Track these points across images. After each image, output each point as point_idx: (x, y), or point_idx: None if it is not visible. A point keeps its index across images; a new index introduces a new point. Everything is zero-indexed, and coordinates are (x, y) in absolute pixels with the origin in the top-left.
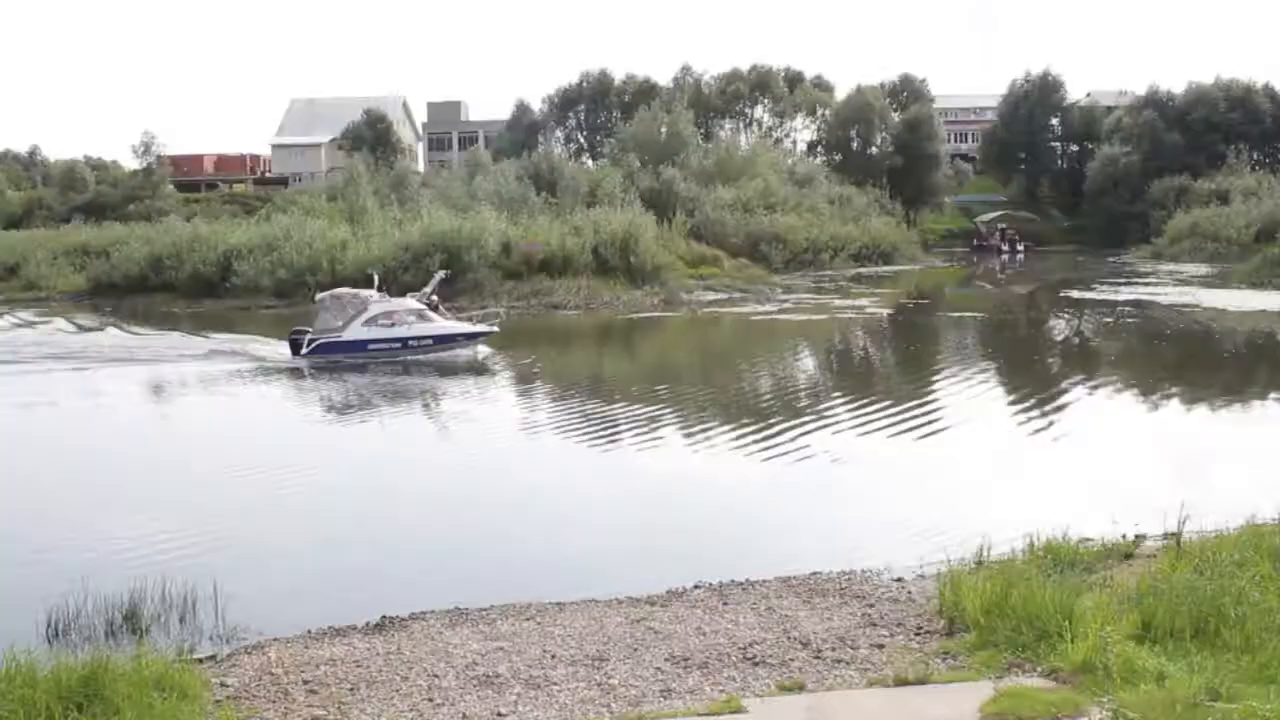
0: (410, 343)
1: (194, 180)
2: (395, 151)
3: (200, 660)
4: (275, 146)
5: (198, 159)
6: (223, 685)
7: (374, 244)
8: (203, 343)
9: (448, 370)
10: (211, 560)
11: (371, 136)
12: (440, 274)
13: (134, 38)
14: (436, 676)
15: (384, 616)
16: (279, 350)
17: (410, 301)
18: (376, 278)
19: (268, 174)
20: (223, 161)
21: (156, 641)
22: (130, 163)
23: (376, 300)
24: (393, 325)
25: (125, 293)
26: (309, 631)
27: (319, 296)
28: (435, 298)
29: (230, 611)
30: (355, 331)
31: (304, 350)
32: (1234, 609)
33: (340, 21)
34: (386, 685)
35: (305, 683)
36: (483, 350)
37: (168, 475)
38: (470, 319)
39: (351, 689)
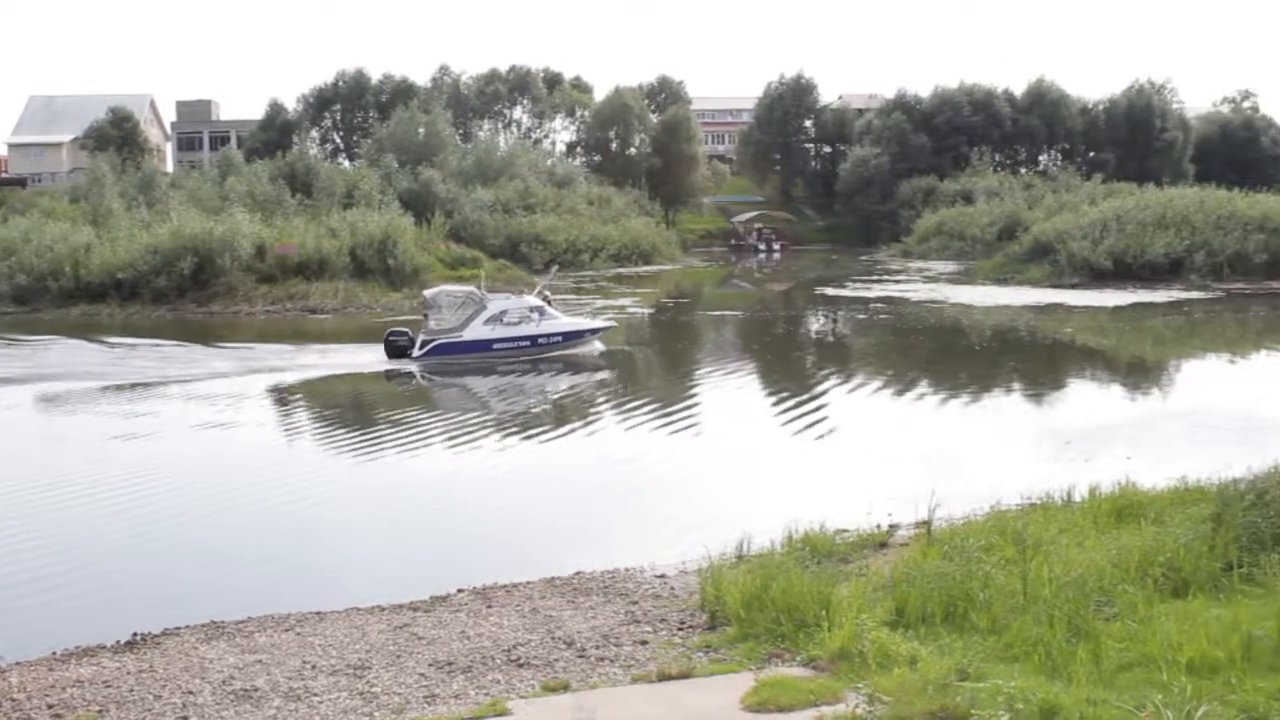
0: (540, 340)
1: None
2: (142, 151)
3: None
4: (12, 146)
5: None
6: None
7: (120, 247)
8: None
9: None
10: None
11: (117, 136)
12: (555, 269)
13: None
14: (191, 694)
15: (135, 634)
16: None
17: (529, 298)
18: (482, 273)
19: (4, 174)
20: None
21: None
22: None
23: (496, 298)
24: (518, 323)
25: None
26: (54, 653)
27: (426, 294)
28: (548, 293)
29: None
30: (477, 331)
31: (417, 352)
32: (981, 592)
33: (81, 16)
34: (138, 705)
35: (50, 707)
36: (599, 346)
37: None
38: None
39: (100, 711)
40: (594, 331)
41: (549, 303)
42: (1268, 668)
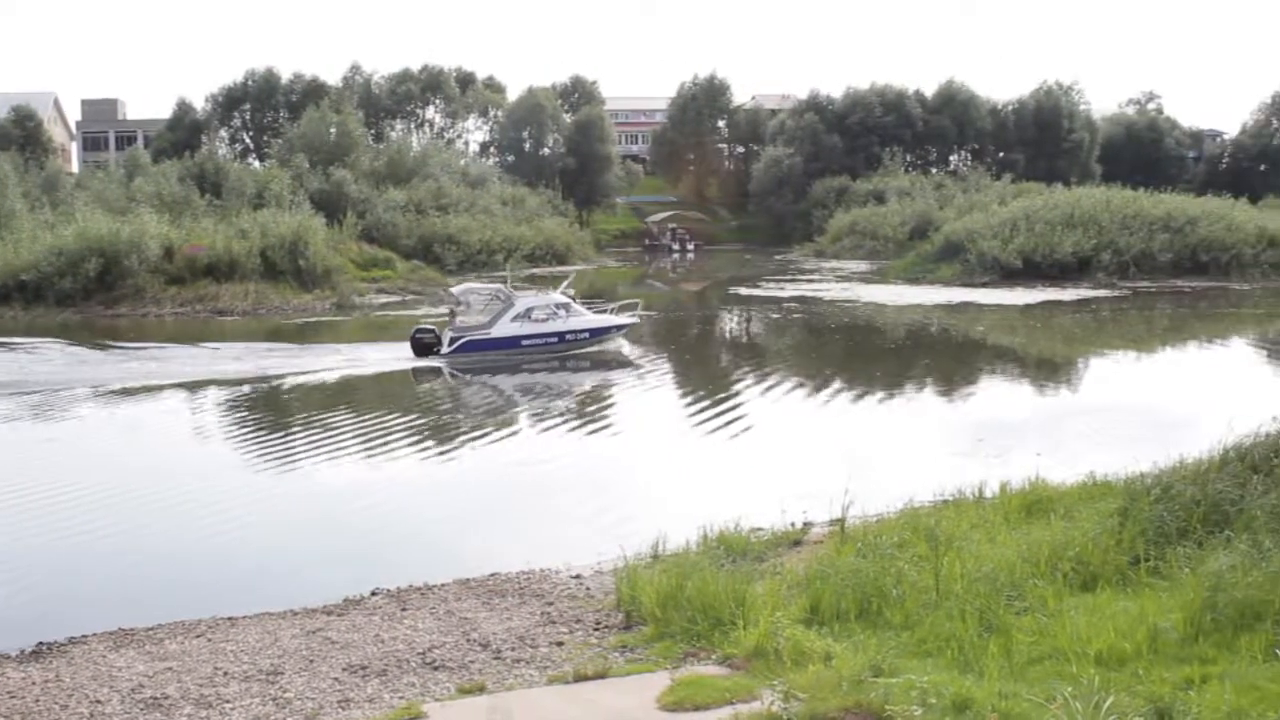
0: (567, 337)
1: None
2: (46, 151)
3: None
4: None
5: None
6: None
7: (23, 248)
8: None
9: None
10: None
11: (19, 135)
12: (578, 266)
13: None
14: (99, 703)
15: (40, 643)
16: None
17: (555, 295)
18: (508, 269)
19: None
20: None
21: None
22: None
23: (522, 295)
24: (546, 320)
25: None
26: None
27: (453, 290)
28: (572, 290)
29: None
30: (505, 328)
31: (445, 349)
32: (894, 589)
33: None
34: (45, 715)
35: None
36: (623, 344)
37: None
38: (609, 311)
39: None
40: (620, 328)
41: (574, 300)
42: (1173, 658)
